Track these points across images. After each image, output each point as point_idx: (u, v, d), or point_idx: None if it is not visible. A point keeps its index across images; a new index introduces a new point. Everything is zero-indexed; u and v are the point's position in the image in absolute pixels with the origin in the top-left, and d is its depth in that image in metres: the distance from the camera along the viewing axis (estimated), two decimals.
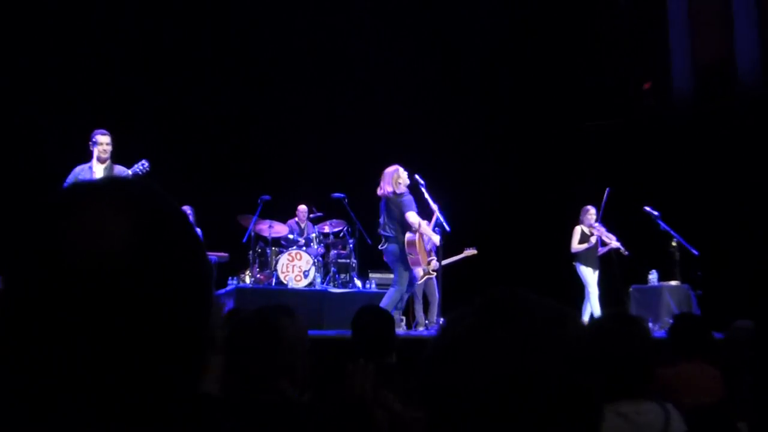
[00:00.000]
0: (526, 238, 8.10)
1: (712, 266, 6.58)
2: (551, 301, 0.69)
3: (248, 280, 6.64)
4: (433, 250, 5.84)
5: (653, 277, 6.79)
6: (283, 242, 7.09)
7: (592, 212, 6.72)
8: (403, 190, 5.23)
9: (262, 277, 6.67)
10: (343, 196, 6.97)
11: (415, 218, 5.18)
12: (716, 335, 2.70)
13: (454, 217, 5.66)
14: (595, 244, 6.67)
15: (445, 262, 6.17)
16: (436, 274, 5.74)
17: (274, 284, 6.48)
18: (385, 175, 5.34)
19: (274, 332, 1.49)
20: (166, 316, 0.55)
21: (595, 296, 6.51)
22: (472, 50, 8.53)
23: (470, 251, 6.94)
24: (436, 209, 5.44)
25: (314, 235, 7.05)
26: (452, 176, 7.94)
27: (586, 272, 6.62)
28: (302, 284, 6.56)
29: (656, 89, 8.31)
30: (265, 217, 6.86)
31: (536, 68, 8.44)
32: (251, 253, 6.69)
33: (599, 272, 6.65)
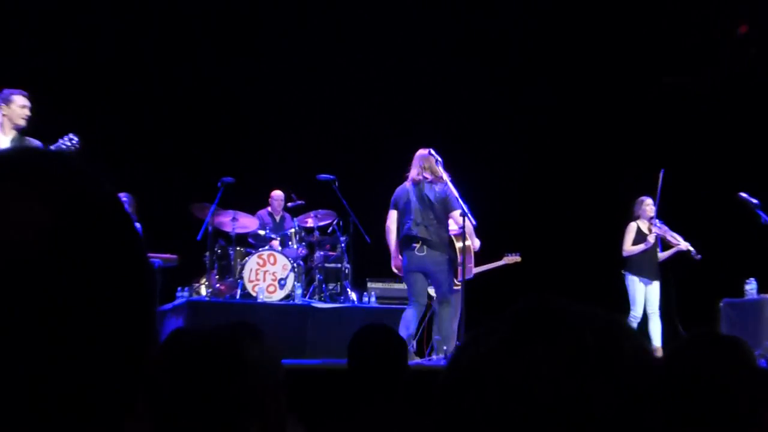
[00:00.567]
0: (568, 237, 8.41)
1: None
2: (601, 311, 0.71)
3: (204, 291, 6.73)
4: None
5: (752, 287, 6.86)
6: (251, 240, 7.20)
7: (649, 204, 6.90)
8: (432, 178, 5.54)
9: (222, 287, 6.73)
10: (332, 177, 7.03)
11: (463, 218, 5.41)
12: None
13: (481, 211, 5.83)
14: (653, 246, 6.85)
15: (477, 270, 6.35)
16: (460, 286, 5.89)
17: (239, 297, 6.55)
18: (415, 158, 5.65)
19: (235, 360, 1.47)
20: (87, 336, 0.56)
21: (653, 317, 6.73)
22: None
23: (512, 257, 7.02)
24: (458, 197, 5.55)
25: (293, 230, 7.12)
26: (475, 156, 8.10)
27: (635, 286, 6.85)
28: (277, 297, 6.63)
29: (756, 34, 8.25)
30: (227, 206, 6.89)
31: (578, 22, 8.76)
32: (208, 254, 6.74)
33: (659, 284, 6.85)
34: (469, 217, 5.44)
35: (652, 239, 6.79)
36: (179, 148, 8.37)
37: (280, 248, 6.93)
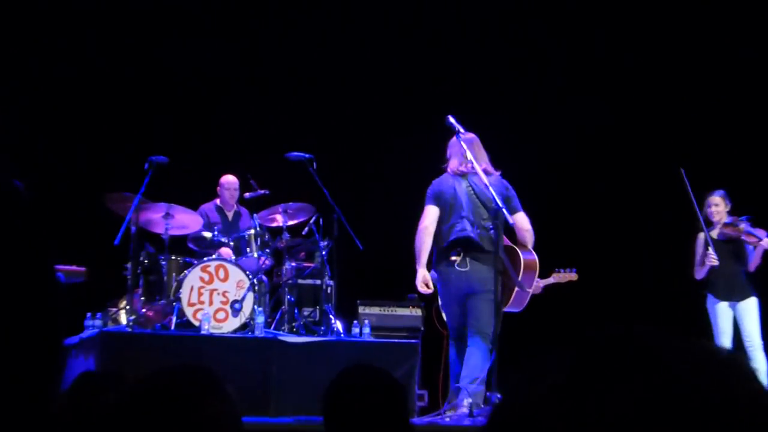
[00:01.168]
0: (633, 247, 8.86)
1: None
2: (708, 344, 0.76)
3: (124, 318, 6.74)
4: None
5: None
6: (192, 246, 7.28)
7: (718, 203, 7.33)
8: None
9: (150, 313, 6.79)
10: (308, 156, 7.16)
11: (529, 222, 5.95)
12: None
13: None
14: (738, 255, 7.21)
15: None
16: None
17: (173, 327, 6.60)
18: (453, 144, 6.06)
19: (181, 422, 1.54)
20: None
21: (755, 351, 6.98)
22: None
23: (565, 275, 7.19)
24: (491, 188, 5.76)
25: (253, 232, 7.19)
26: (511, 142, 8.14)
27: (715, 311, 7.21)
28: (229, 327, 6.70)
29: None
30: (157, 197, 6.95)
31: None
32: (130, 266, 6.79)
33: (757, 302, 7.13)
34: (505, 213, 5.66)
35: (713, 259, 7.09)
36: (88, 114, 8.50)
37: (233, 257, 7.02)
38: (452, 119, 6.02)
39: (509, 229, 5.89)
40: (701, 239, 7.27)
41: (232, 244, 7.12)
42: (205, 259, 6.89)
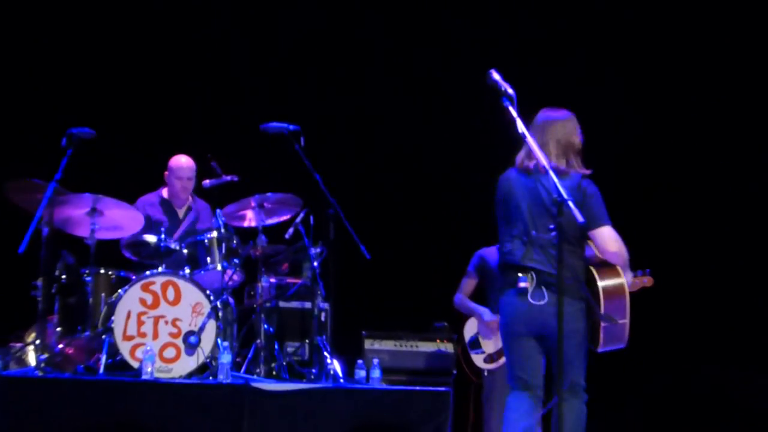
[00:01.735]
0: (717, 248, 9.41)
1: None
2: None
3: (32, 357, 6.91)
4: None
5: None
6: (128, 254, 7.54)
7: None
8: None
9: (70, 350, 6.84)
10: (293, 128, 7.32)
11: (616, 241, 5.99)
12: None
13: None
14: None
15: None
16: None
17: (102, 370, 6.66)
18: (554, 123, 6.06)
19: None
20: None
21: None
22: None
23: (642, 279, 7.15)
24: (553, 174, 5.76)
25: (215, 235, 7.38)
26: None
27: None
28: (182, 371, 6.84)
29: None
30: (79, 186, 7.04)
31: None
32: (41, 283, 6.86)
33: None
34: (573, 211, 5.55)
35: None
36: None
37: (187, 270, 7.10)
38: (496, 74, 5.77)
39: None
40: None
41: (185, 251, 7.19)
42: (147, 273, 6.92)
